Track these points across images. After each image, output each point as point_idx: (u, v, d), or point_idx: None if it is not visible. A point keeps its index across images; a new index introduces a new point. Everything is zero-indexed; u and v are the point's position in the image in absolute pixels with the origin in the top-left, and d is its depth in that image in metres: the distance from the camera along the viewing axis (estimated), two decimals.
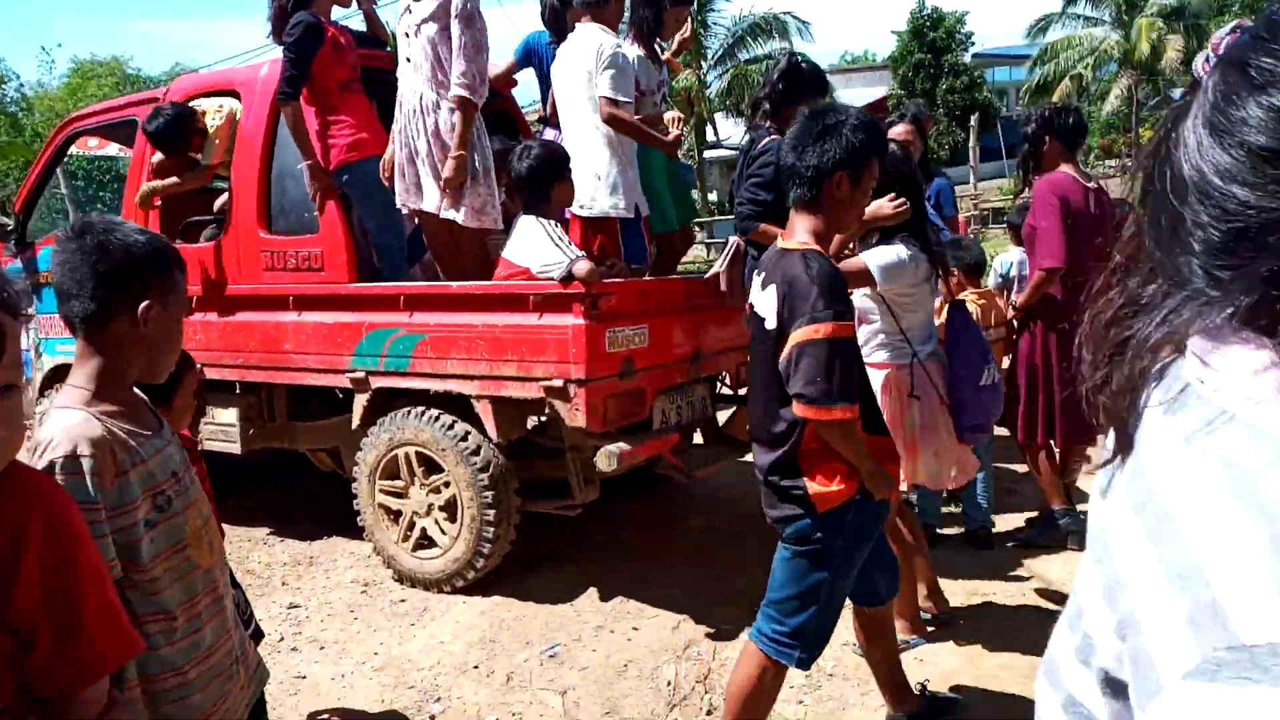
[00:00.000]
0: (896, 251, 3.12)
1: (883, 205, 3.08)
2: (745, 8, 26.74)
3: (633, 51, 4.28)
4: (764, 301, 2.45)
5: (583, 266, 3.64)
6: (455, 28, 3.99)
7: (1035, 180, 4.30)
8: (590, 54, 4.11)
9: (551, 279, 3.69)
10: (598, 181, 4.18)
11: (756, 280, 2.56)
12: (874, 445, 2.47)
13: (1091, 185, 4.29)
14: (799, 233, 2.47)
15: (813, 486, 2.41)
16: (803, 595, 2.48)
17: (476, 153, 4.11)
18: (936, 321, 3.51)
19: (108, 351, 1.64)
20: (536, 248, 3.81)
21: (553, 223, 3.90)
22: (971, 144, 21.33)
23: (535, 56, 4.87)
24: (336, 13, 4.46)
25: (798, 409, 2.32)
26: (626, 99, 4.08)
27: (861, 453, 2.38)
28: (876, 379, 3.15)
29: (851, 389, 2.32)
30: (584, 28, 4.24)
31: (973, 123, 21.34)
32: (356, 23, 4.95)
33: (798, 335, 2.29)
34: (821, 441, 2.38)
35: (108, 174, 13.89)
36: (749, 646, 2.60)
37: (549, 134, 4.65)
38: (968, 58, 34.13)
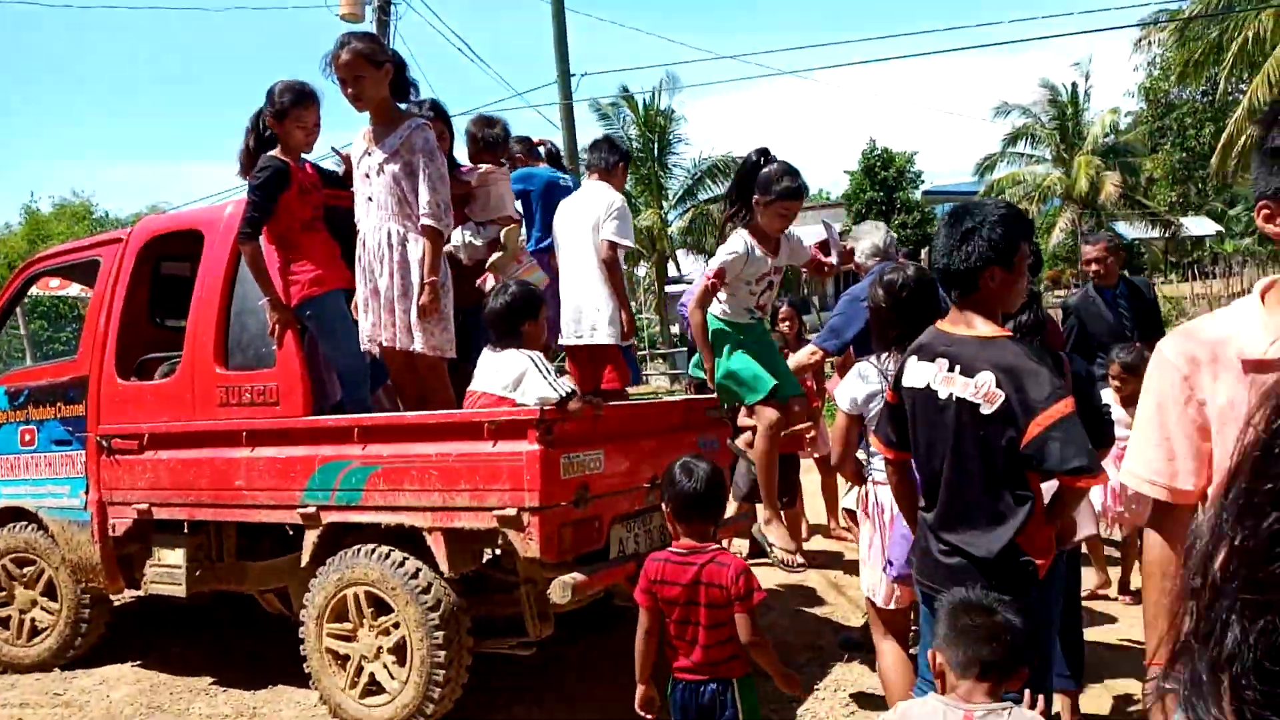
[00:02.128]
0: (857, 373, 3.37)
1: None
2: (703, 151, 27.96)
3: (744, 240, 4.09)
4: (969, 388, 2.48)
5: (575, 404, 3.75)
6: (419, 162, 4.14)
7: None
8: (601, 206, 4.60)
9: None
10: (597, 313, 4.61)
11: (930, 367, 2.56)
12: None
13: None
14: (977, 323, 2.56)
15: (1037, 557, 2.50)
16: (1043, 655, 2.57)
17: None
18: None
19: None
20: (529, 381, 3.79)
21: (539, 354, 3.92)
22: None
23: (542, 192, 5.12)
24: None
25: (1078, 482, 2.43)
26: (627, 243, 4.62)
27: None
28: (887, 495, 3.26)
29: None
30: (594, 184, 4.80)
31: (923, 257, 22.02)
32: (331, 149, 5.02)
33: (1052, 413, 2.37)
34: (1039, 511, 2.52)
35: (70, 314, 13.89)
36: None
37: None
38: (918, 195, 35.52)
